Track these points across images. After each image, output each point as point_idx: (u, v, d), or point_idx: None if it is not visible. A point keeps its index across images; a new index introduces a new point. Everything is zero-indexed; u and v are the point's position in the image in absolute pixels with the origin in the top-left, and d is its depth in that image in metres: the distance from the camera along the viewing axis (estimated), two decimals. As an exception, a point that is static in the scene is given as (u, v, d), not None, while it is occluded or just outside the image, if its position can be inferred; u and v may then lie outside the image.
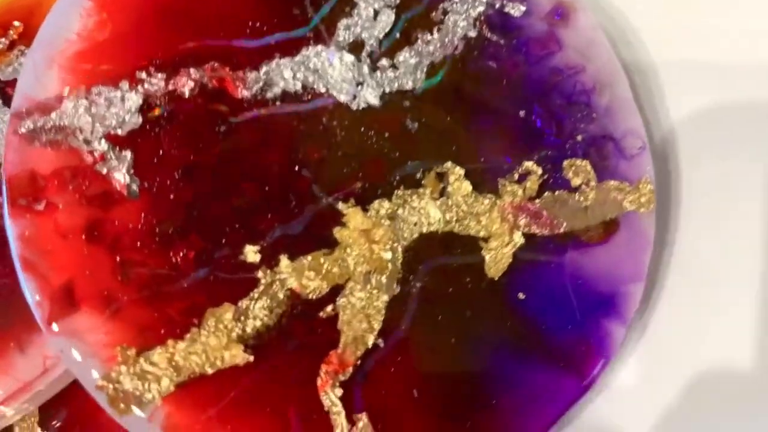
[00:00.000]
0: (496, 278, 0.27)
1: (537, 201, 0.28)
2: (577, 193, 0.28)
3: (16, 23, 0.33)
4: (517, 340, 0.27)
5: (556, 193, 0.28)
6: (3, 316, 0.28)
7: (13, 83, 0.32)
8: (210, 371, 0.25)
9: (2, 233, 0.28)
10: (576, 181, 0.28)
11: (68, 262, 0.25)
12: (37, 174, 0.26)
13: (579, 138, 0.29)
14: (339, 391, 0.25)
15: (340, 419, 0.25)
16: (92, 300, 0.25)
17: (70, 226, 0.25)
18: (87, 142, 0.26)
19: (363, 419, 0.25)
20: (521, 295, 0.27)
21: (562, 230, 0.28)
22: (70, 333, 0.25)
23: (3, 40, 0.33)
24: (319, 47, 0.28)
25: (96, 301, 0.25)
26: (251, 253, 0.26)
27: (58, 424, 0.29)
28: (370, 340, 0.26)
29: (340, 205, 0.27)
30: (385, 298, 0.26)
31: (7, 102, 0.32)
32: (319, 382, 0.25)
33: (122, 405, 0.24)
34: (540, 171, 0.28)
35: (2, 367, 0.27)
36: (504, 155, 0.28)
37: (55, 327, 0.25)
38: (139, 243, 0.25)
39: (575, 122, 0.29)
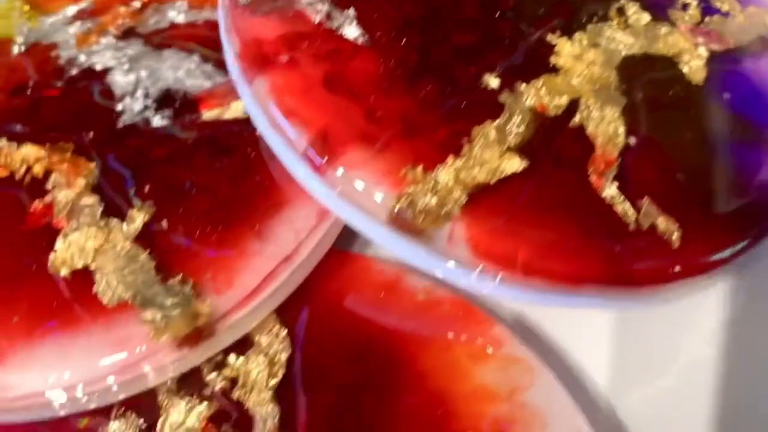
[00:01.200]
0: (701, 84, 0.29)
1: (702, 24, 0.31)
2: (728, 17, 0.31)
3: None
4: (740, 133, 0.28)
5: (714, 17, 0.31)
6: (239, 206, 0.26)
7: (157, 31, 0.32)
8: (493, 181, 0.24)
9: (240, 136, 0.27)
10: (725, 8, 0.31)
11: (321, 113, 0.25)
12: (265, 41, 0.26)
13: (711, -21, 0.32)
14: (615, 184, 0.25)
15: (625, 206, 0.25)
16: (355, 142, 0.24)
17: (312, 81, 0.25)
18: (310, 4, 0.26)
19: (645, 202, 0.25)
20: (726, 95, 0.29)
21: (732, 45, 0.30)
22: (349, 167, 0.24)
23: (136, 3, 0.33)
24: None
25: (359, 142, 0.24)
26: (491, 80, 0.26)
27: (301, 323, 0.27)
28: (621, 141, 0.26)
29: (549, 37, 0.28)
30: (618, 107, 0.27)
31: (156, 47, 0.32)
32: (593, 180, 0.25)
33: (424, 219, 0.23)
34: (696, 1, 0.31)
35: (252, 251, 0.26)
36: (660, -3, 0.31)
37: (328, 168, 0.24)
38: (384, 86, 0.25)
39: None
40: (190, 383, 0.26)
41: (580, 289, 0.24)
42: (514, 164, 0.25)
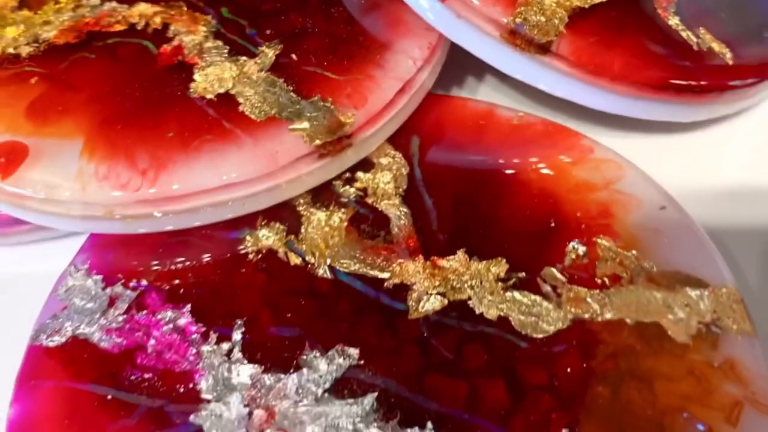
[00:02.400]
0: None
1: None
2: None
3: None
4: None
5: None
6: (358, 42, 0.30)
7: None
8: (587, 5, 0.29)
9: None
10: None
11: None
12: None
13: None
14: (677, 17, 0.31)
15: (687, 33, 0.30)
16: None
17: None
18: None
19: (702, 30, 0.30)
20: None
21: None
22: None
23: None
24: None
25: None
26: None
27: (414, 147, 0.31)
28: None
29: None
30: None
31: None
32: (660, 13, 0.30)
33: (538, 32, 0.28)
34: None
35: (378, 76, 0.29)
36: None
37: (450, -7, 0.28)
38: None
39: None
40: (325, 196, 0.29)
41: (661, 95, 0.29)
42: (600, -8, 0.29)
